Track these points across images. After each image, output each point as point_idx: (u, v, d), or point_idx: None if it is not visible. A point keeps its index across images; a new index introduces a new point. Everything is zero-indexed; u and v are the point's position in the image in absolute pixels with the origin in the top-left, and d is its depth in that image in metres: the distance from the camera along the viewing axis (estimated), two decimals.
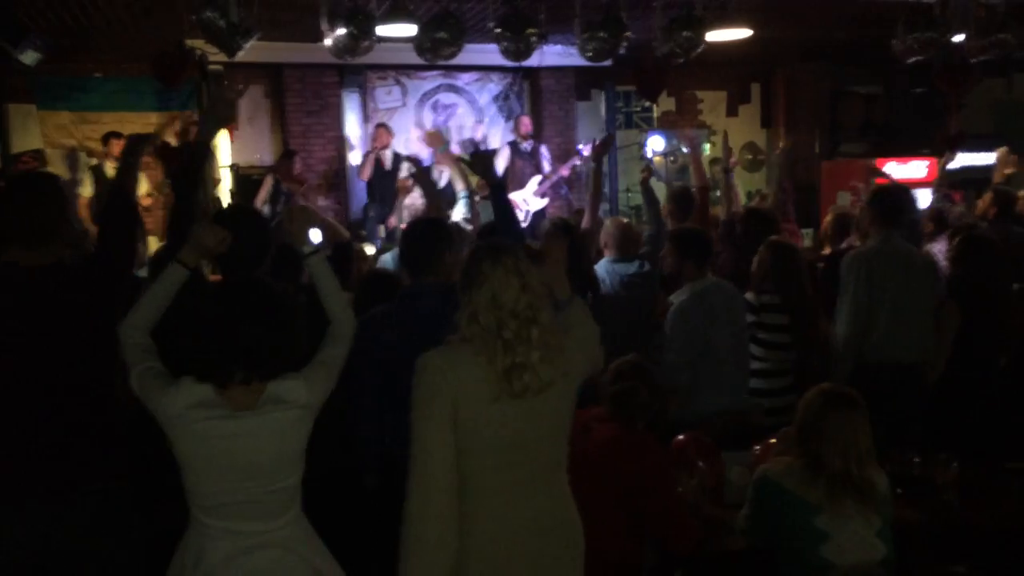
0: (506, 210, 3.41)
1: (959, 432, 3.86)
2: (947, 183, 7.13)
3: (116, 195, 3.01)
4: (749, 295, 4.36)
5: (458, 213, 5.04)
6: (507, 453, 2.25)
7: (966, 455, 3.42)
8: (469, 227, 4.86)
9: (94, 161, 8.48)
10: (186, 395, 2.23)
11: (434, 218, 4.01)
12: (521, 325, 2.20)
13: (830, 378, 4.02)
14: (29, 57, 5.12)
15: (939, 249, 6.11)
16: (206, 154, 3.19)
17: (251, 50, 5.65)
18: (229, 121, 3.19)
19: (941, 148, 7.58)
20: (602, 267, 4.64)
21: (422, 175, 4.82)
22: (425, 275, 3.15)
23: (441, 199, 4.69)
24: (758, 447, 3.44)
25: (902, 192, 4.46)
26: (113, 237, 2.90)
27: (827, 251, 5.54)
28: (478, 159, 3.84)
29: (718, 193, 6.17)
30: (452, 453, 2.20)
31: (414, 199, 5.57)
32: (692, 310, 4.00)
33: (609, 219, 5.00)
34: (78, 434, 2.64)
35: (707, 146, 10.89)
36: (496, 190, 3.43)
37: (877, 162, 8.50)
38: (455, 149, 9.81)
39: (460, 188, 4.79)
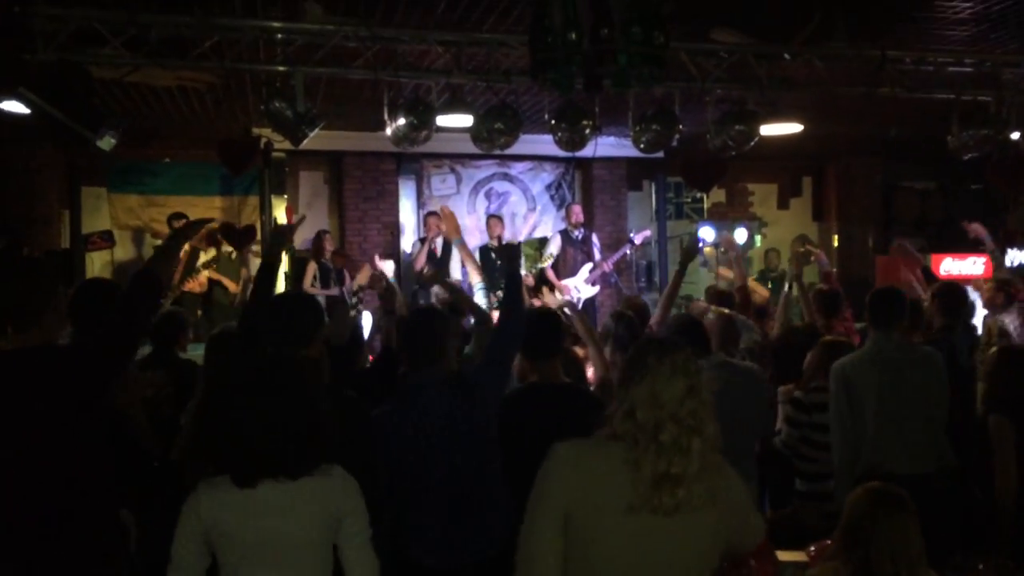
0: (515, 299, 3.35)
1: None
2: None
3: (145, 274, 2.72)
4: (798, 393, 4.29)
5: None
6: None
7: None
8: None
9: (158, 242, 8.78)
10: (207, 504, 2.25)
11: (433, 307, 3.94)
12: (682, 432, 1.98)
13: (833, 495, 3.90)
14: (106, 143, 5.36)
15: None
16: (279, 260, 3.27)
17: (314, 138, 5.88)
18: (284, 247, 3.39)
19: (1003, 245, 7.40)
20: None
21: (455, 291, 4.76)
22: (426, 366, 3.11)
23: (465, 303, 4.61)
24: (813, 547, 3.34)
25: (896, 294, 4.20)
26: (125, 315, 2.63)
27: None
28: (505, 250, 3.77)
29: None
30: (559, 561, 2.01)
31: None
32: None
33: (713, 310, 4.80)
34: (61, 524, 2.42)
35: (758, 237, 10.90)
36: (511, 278, 3.39)
37: (933, 258, 8.37)
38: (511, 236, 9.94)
39: (476, 280, 4.76)
